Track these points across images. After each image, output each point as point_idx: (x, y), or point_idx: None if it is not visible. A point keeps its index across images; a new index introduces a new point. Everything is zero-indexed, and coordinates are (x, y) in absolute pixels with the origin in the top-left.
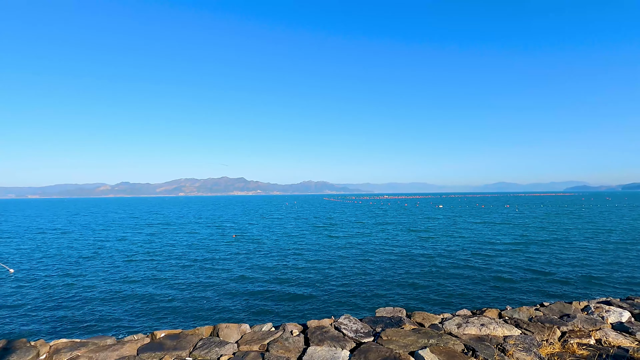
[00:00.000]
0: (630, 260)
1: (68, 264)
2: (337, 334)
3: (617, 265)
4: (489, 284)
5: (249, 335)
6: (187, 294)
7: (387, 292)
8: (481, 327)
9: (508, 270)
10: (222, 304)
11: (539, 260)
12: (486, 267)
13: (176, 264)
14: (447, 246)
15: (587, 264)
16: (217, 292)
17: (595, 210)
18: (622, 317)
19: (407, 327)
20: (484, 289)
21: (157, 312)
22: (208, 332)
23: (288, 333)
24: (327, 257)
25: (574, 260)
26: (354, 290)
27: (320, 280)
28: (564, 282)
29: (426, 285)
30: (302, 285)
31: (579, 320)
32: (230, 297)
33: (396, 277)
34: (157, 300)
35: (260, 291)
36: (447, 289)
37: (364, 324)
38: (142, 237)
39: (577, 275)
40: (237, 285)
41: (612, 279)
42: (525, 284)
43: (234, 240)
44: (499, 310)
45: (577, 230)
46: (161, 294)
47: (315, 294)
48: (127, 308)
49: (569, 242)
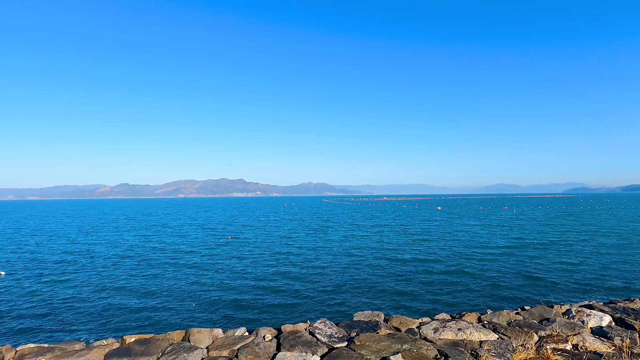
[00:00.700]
0: (620, 264)
1: (47, 267)
2: (311, 339)
3: (607, 269)
4: (476, 288)
5: (221, 340)
6: (166, 297)
7: (372, 295)
8: (458, 331)
9: (497, 273)
10: (200, 308)
11: (529, 263)
12: (476, 271)
13: (160, 267)
14: (439, 249)
15: (577, 267)
16: (197, 296)
17: (593, 212)
18: (602, 321)
19: (382, 332)
20: (470, 293)
21: (133, 316)
22: (180, 337)
23: (260, 338)
24: (317, 260)
25: (565, 263)
26: (338, 294)
27: (306, 284)
28: (551, 285)
29: (412, 289)
30: (287, 289)
31: (558, 324)
32: (211, 301)
33: (383, 281)
34: (134, 305)
35: (243, 295)
36: (433, 292)
37: (339, 328)
38: (133, 239)
39: (565, 279)
40: (219, 288)
41: (600, 282)
42: (512, 288)
43: (225, 243)
44: (478, 314)
45: (571, 232)
46: (139, 298)
47: (299, 297)
48: (104, 312)
49: (562, 245)
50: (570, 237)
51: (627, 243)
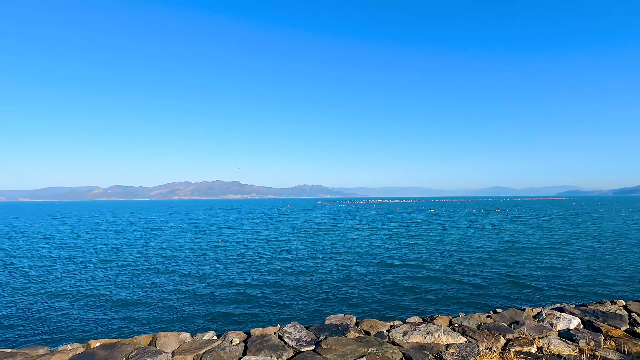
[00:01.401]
0: (605, 267)
1: (20, 270)
2: (278, 343)
3: (589, 272)
4: (455, 291)
5: (187, 344)
6: (139, 301)
7: (350, 299)
8: (427, 335)
9: (480, 277)
10: (173, 312)
11: (514, 266)
12: (459, 274)
13: (140, 271)
14: (427, 252)
15: (560, 270)
16: (172, 299)
17: (584, 215)
18: (570, 324)
19: (351, 336)
20: (449, 296)
21: (103, 320)
22: (147, 341)
23: (227, 342)
24: (302, 263)
25: (549, 267)
26: (316, 298)
27: (286, 287)
28: (531, 289)
29: (392, 292)
30: (265, 292)
31: (527, 327)
32: (185, 305)
33: (364, 284)
34: (106, 309)
35: (219, 299)
36: (412, 296)
37: (309, 332)
38: (117, 242)
39: (546, 282)
40: (196, 292)
41: (580, 286)
42: (492, 291)
43: (210, 247)
44: (450, 317)
45: (560, 235)
46: (112, 302)
47: (276, 301)
48: (75, 317)
49: (549, 248)
50: (558, 240)
51: (612, 246)
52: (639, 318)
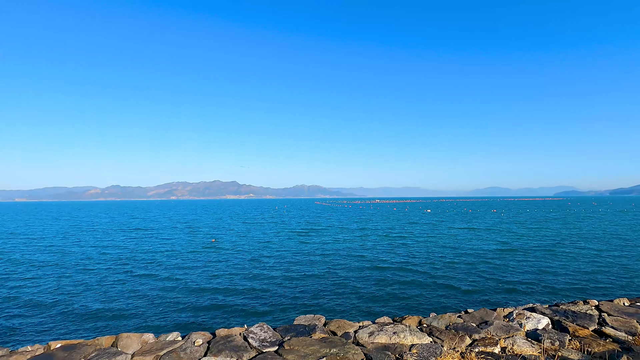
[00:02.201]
0: (595, 268)
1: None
2: (242, 344)
3: (577, 273)
4: (436, 291)
5: (150, 345)
6: (110, 302)
7: (329, 299)
8: (393, 335)
9: (464, 277)
10: (143, 313)
11: (500, 266)
12: (444, 275)
13: (117, 272)
14: (416, 253)
15: (546, 271)
16: (146, 300)
17: (579, 215)
18: (539, 324)
19: (316, 336)
20: (429, 296)
21: (70, 321)
22: (109, 342)
23: (190, 343)
24: (288, 264)
25: (537, 268)
26: (294, 298)
27: (266, 288)
28: (513, 288)
29: (372, 293)
30: (244, 293)
31: (495, 327)
32: (159, 306)
33: (346, 285)
34: (75, 310)
35: (195, 299)
36: (392, 296)
37: (275, 332)
38: (106, 242)
39: (530, 282)
40: (174, 292)
41: (562, 285)
42: (474, 291)
43: (201, 247)
44: (420, 317)
45: (553, 236)
46: (82, 303)
47: (252, 301)
48: (40, 317)
49: (540, 249)
50: (549, 241)
51: (602, 247)
52: (608, 318)
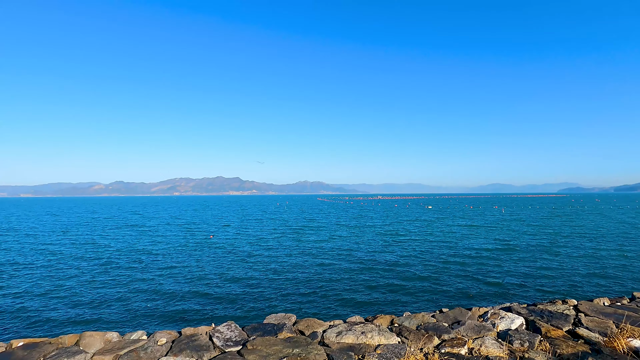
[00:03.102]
0: (591, 266)
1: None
2: (205, 343)
3: (570, 269)
4: (419, 289)
5: (112, 344)
6: (86, 299)
7: (309, 297)
8: (361, 335)
9: (454, 274)
10: (117, 310)
11: (493, 264)
12: (433, 272)
13: (103, 268)
14: (410, 250)
15: (540, 268)
16: (124, 297)
17: (582, 212)
18: (512, 324)
19: (282, 336)
20: (411, 294)
21: (39, 318)
22: (72, 341)
23: (153, 342)
24: (277, 261)
25: (529, 265)
26: (273, 295)
27: (247, 285)
28: (500, 287)
29: (355, 291)
30: (224, 290)
31: (467, 327)
32: (134, 303)
33: (330, 283)
34: (48, 306)
35: (174, 296)
36: (373, 294)
37: (242, 331)
38: (98, 239)
39: (519, 281)
40: (151, 290)
41: (551, 284)
42: (458, 290)
43: (197, 244)
44: (393, 317)
45: (551, 233)
46: (56, 300)
47: (229, 299)
48: (11, 315)
49: (538, 247)
50: (548, 238)
51: (602, 246)
52: (584, 318)
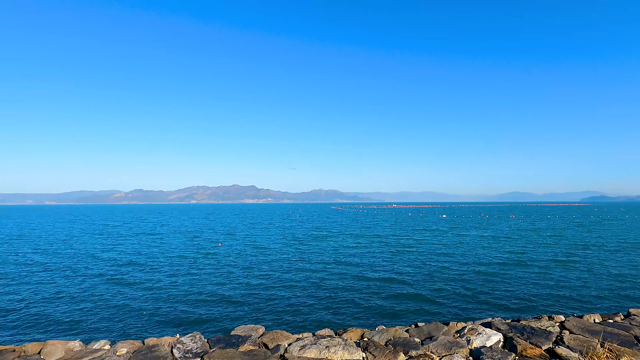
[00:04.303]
0: (594, 280)
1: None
2: (164, 355)
3: (574, 285)
4: (408, 304)
5: (72, 353)
6: (63, 307)
7: (289, 309)
8: (324, 349)
9: (451, 288)
10: (92, 318)
11: (494, 277)
12: (428, 285)
13: (93, 278)
14: (411, 262)
15: (542, 283)
16: (102, 305)
17: (603, 223)
18: (488, 340)
19: (243, 348)
20: (396, 309)
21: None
22: (36, 349)
23: (112, 352)
24: (273, 271)
25: (533, 280)
26: (256, 306)
27: (233, 296)
28: (492, 302)
29: (338, 302)
30: (208, 300)
31: (438, 343)
32: (112, 311)
33: (319, 294)
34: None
35: (156, 304)
36: (357, 307)
37: (206, 343)
38: (100, 246)
39: (517, 295)
40: (138, 298)
41: (550, 299)
42: (450, 304)
43: (203, 253)
44: (364, 330)
45: (567, 245)
46: (36, 307)
47: (211, 309)
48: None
49: (549, 260)
50: (562, 250)
51: (618, 257)
52: (568, 336)
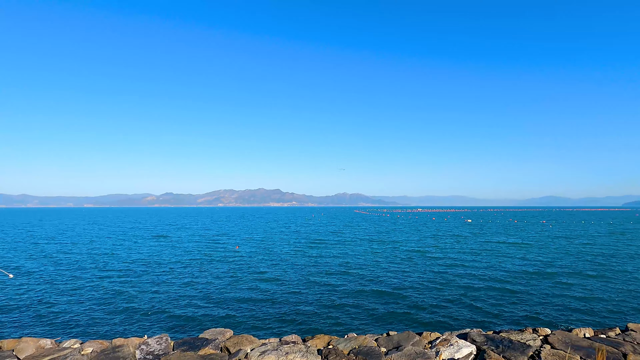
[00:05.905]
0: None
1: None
2: (127, 355)
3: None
4: (395, 313)
5: (43, 351)
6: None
7: (275, 313)
8: (283, 356)
9: (449, 299)
10: (81, 318)
11: (504, 289)
12: (428, 296)
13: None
14: (423, 271)
15: (554, 296)
16: (95, 305)
17: None
18: (458, 353)
19: (202, 352)
20: (381, 318)
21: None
22: (11, 345)
23: (77, 352)
24: (271, 276)
25: (545, 292)
26: (240, 311)
27: (225, 300)
28: (489, 314)
29: (325, 309)
30: (198, 303)
31: (404, 354)
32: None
33: (308, 300)
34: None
35: (146, 305)
36: (342, 314)
37: (170, 345)
38: (112, 248)
39: (519, 309)
40: (129, 298)
41: (554, 314)
42: (441, 314)
43: (220, 255)
44: (331, 337)
45: (595, 254)
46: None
47: (195, 311)
48: None
49: (567, 270)
50: (589, 259)
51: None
52: (546, 351)
